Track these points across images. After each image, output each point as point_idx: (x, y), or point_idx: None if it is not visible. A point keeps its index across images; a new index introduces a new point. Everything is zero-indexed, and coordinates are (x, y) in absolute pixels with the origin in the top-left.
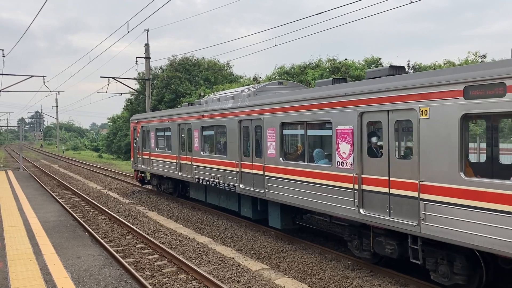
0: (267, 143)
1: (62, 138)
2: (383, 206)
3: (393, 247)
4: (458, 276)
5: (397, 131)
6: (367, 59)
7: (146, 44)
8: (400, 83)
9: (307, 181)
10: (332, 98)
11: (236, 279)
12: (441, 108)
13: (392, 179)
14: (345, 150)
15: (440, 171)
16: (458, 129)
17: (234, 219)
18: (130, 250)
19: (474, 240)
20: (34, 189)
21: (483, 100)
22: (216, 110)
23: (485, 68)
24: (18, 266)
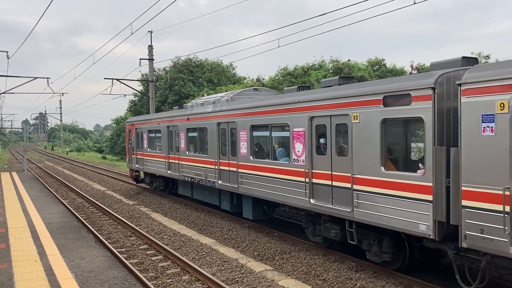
0: (240, 143)
1: (66, 140)
2: (328, 196)
3: (336, 231)
4: (386, 254)
5: (337, 133)
6: (370, 60)
7: (149, 46)
8: (338, 93)
9: (272, 176)
10: (289, 105)
11: (239, 280)
12: (367, 114)
13: (333, 173)
14: (299, 149)
15: (366, 166)
16: (379, 131)
17: (238, 220)
18: (134, 251)
19: (391, 222)
20: (38, 190)
21: (396, 108)
22: (199, 113)
23: (398, 82)
24: (23, 267)
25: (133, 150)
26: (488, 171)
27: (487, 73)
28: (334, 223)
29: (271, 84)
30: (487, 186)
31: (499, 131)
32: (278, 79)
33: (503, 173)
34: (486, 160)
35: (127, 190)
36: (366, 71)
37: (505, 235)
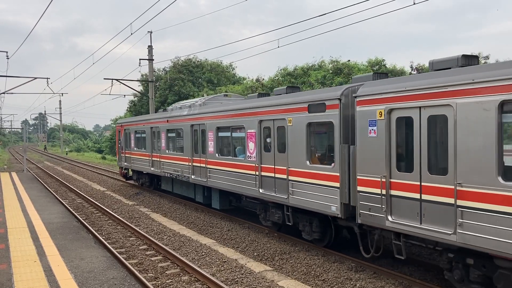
0: (208, 143)
1: (65, 140)
2: (272, 186)
3: (279, 215)
4: (315, 233)
5: (278, 134)
6: (370, 60)
7: (149, 46)
8: (278, 101)
9: (232, 171)
10: (244, 110)
11: (239, 280)
12: (297, 118)
13: (276, 167)
14: (252, 147)
15: (298, 160)
16: (305, 132)
17: (237, 221)
18: (133, 252)
19: (314, 205)
20: (38, 190)
21: (317, 114)
22: (177, 116)
23: (318, 93)
24: (22, 267)
25: (122, 150)
26: (373, 163)
27: (372, 88)
28: (277, 208)
29: (271, 84)
30: (372, 175)
31: (379, 133)
32: (277, 80)
33: (381, 165)
34: (371, 155)
35: (126, 191)
36: (366, 71)
37: (382, 212)
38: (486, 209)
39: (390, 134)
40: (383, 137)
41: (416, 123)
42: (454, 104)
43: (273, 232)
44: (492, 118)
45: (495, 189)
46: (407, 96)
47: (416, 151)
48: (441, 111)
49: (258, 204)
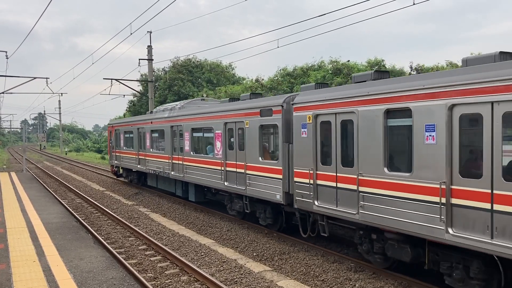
0: (185, 142)
1: (65, 140)
2: (234, 179)
3: (240, 205)
4: (269, 219)
5: (238, 134)
6: (370, 61)
7: (148, 46)
8: (239, 106)
9: (204, 167)
10: (213, 113)
11: (238, 280)
12: (252, 121)
13: (237, 163)
14: (218, 146)
15: (253, 157)
16: (258, 133)
17: (237, 221)
18: (132, 252)
19: (265, 195)
20: (37, 190)
21: (266, 117)
22: (159, 118)
23: (267, 100)
24: (21, 267)
25: (113, 149)
26: (304, 159)
27: (303, 97)
28: (239, 199)
29: (270, 84)
30: (304, 168)
31: (308, 134)
32: (277, 80)
33: (310, 160)
34: (303, 152)
35: (126, 191)
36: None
37: (311, 198)
38: (376, 193)
39: (316, 135)
40: (311, 137)
41: (333, 126)
42: (356, 111)
43: (273, 232)
44: (381, 123)
45: (382, 178)
46: (327, 104)
47: (333, 148)
48: (349, 116)
49: (226, 195)
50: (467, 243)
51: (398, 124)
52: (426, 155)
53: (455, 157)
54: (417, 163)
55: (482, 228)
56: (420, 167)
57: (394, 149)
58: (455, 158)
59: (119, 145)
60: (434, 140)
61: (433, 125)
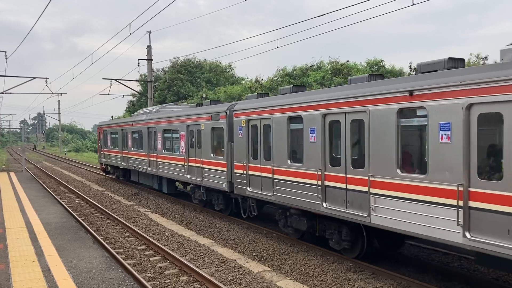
0: (158, 141)
1: (64, 140)
2: (194, 172)
3: (200, 194)
4: (221, 205)
5: (197, 134)
6: (369, 61)
7: (148, 46)
8: (196, 111)
9: (172, 162)
10: (178, 117)
11: (238, 281)
12: (205, 124)
13: (196, 158)
14: (183, 144)
15: (207, 153)
16: (210, 134)
17: (236, 221)
18: (132, 252)
19: (215, 185)
20: (36, 190)
21: (216, 121)
22: (138, 120)
23: (217, 107)
24: (20, 267)
25: (101, 148)
26: (241, 154)
27: (240, 106)
28: (199, 189)
29: (270, 84)
30: (240, 161)
31: (243, 135)
32: (276, 80)
33: (244, 155)
34: (240, 149)
35: (125, 191)
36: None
37: (244, 185)
38: (282, 179)
39: (248, 135)
40: (245, 137)
41: (259, 129)
42: (271, 117)
43: (272, 232)
44: (285, 127)
45: (287, 167)
46: (255, 111)
47: (259, 146)
48: (267, 121)
49: (191, 187)
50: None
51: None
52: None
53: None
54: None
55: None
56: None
57: (274, 146)
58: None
59: (106, 144)
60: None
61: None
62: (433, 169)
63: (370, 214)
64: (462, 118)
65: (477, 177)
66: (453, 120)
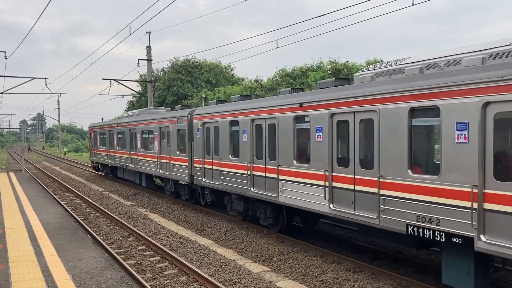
0: (138, 141)
1: (63, 140)
2: (165, 168)
3: (170, 186)
4: (187, 195)
5: (167, 135)
6: (369, 61)
7: (147, 46)
8: (165, 115)
9: (148, 160)
10: (153, 120)
11: (237, 281)
12: (173, 126)
13: (167, 156)
14: (156, 144)
15: (174, 151)
16: (176, 135)
17: (235, 222)
18: (131, 252)
19: (178, 177)
20: (36, 191)
21: (180, 123)
22: (122, 123)
23: (180, 113)
24: (19, 268)
25: (92, 147)
26: (198, 152)
27: (198, 111)
28: (170, 182)
29: (269, 85)
30: (198, 158)
31: (200, 135)
32: (276, 80)
33: (201, 152)
34: (198, 147)
35: (124, 191)
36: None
37: (201, 176)
38: (225, 171)
39: (203, 136)
40: (201, 137)
41: (211, 130)
42: (219, 121)
43: (271, 232)
44: (227, 128)
45: (229, 161)
46: (208, 116)
47: (212, 143)
48: (216, 124)
49: (164, 180)
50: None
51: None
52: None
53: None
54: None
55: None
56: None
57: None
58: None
59: (96, 144)
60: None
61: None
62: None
63: (278, 195)
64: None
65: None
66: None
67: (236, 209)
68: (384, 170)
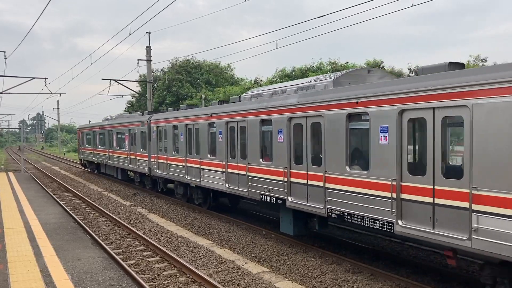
0: (114, 141)
1: (63, 140)
2: (133, 163)
3: (137, 177)
4: (149, 185)
5: (134, 136)
6: (369, 62)
7: (147, 47)
8: (133, 119)
9: (121, 156)
10: (125, 123)
11: (236, 282)
12: (138, 128)
13: (135, 153)
14: (127, 143)
15: (138, 149)
16: (140, 135)
17: (235, 222)
18: (130, 253)
19: (142, 170)
20: (35, 191)
21: (142, 127)
22: (103, 125)
23: (142, 118)
24: (18, 268)
25: (80, 146)
26: (154, 148)
27: (154, 117)
28: (135, 173)
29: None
30: (155, 154)
31: (155, 136)
32: (275, 81)
33: (156, 149)
34: (154, 145)
35: (124, 191)
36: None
37: (155, 168)
38: (170, 164)
39: (157, 137)
40: (156, 137)
41: (162, 132)
42: (166, 125)
43: (271, 233)
44: (171, 130)
45: (171, 156)
46: (160, 121)
47: (162, 143)
48: (165, 128)
49: (135, 173)
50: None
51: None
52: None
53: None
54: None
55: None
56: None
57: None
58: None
59: (83, 144)
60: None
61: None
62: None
63: (200, 180)
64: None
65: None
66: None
67: (179, 193)
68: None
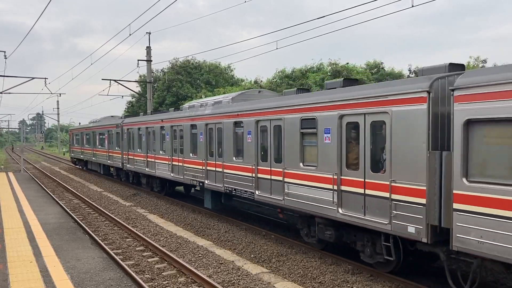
0: (97, 141)
1: (63, 140)
2: (111, 159)
3: (113, 171)
4: (122, 178)
5: (111, 136)
6: (369, 63)
7: (147, 47)
8: (111, 122)
9: (101, 154)
10: (104, 125)
11: (236, 282)
12: (114, 130)
13: (112, 150)
14: (106, 142)
15: (114, 147)
16: (115, 136)
17: (235, 223)
18: (130, 253)
19: (117, 165)
20: (35, 191)
21: (117, 128)
22: (89, 127)
23: (117, 120)
24: (18, 268)
25: (71, 146)
26: (125, 147)
27: (126, 120)
28: (114, 168)
29: (269, 86)
30: (125, 151)
31: (126, 136)
32: (275, 81)
33: (126, 147)
34: (125, 144)
35: (123, 191)
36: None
37: (126, 163)
38: (137, 160)
39: (128, 137)
40: (126, 138)
41: (131, 133)
42: (139, 127)
43: (271, 234)
44: (137, 133)
45: (138, 153)
46: (130, 124)
47: (131, 142)
48: (133, 130)
49: (116, 169)
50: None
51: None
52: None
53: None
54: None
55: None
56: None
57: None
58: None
59: (73, 143)
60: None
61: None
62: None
63: (155, 171)
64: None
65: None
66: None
67: (144, 183)
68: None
